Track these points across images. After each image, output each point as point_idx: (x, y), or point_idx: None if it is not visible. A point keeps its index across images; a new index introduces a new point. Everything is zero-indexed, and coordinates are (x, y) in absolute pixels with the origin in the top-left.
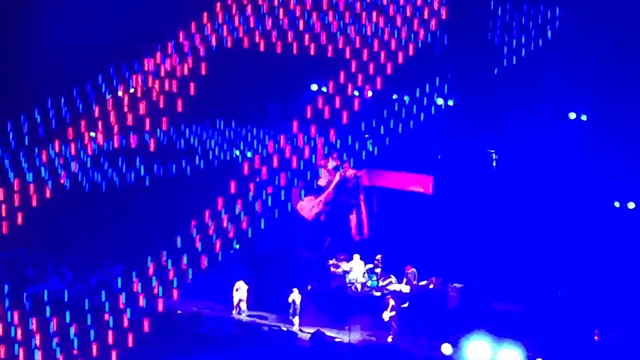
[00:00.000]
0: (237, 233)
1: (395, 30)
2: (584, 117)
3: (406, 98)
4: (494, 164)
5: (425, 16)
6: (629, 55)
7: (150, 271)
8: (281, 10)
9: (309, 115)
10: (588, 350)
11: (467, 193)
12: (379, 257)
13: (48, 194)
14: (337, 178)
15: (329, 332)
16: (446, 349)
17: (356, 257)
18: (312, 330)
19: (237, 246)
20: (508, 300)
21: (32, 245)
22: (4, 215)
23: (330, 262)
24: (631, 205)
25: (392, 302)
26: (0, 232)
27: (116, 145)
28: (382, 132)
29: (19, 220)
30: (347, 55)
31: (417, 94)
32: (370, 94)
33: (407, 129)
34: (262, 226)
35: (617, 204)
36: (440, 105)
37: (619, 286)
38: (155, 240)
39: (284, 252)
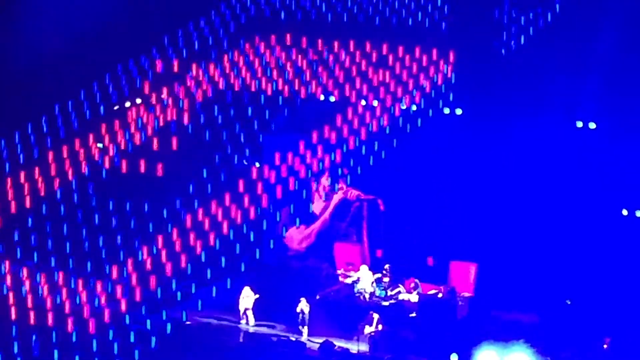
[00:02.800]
0: (245, 243)
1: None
2: (592, 125)
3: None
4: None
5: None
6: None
7: (157, 281)
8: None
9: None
10: (598, 358)
11: (474, 201)
12: (387, 266)
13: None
14: (334, 201)
15: (338, 342)
16: (455, 359)
17: (364, 267)
18: (321, 340)
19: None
20: (517, 309)
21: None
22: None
23: (339, 271)
24: (639, 213)
25: (376, 317)
26: (6, 234)
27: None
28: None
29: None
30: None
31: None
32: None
33: (414, 137)
34: (270, 235)
35: (625, 212)
36: (448, 114)
37: (626, 294)
38: (159, 246)
39: (292, 262)
